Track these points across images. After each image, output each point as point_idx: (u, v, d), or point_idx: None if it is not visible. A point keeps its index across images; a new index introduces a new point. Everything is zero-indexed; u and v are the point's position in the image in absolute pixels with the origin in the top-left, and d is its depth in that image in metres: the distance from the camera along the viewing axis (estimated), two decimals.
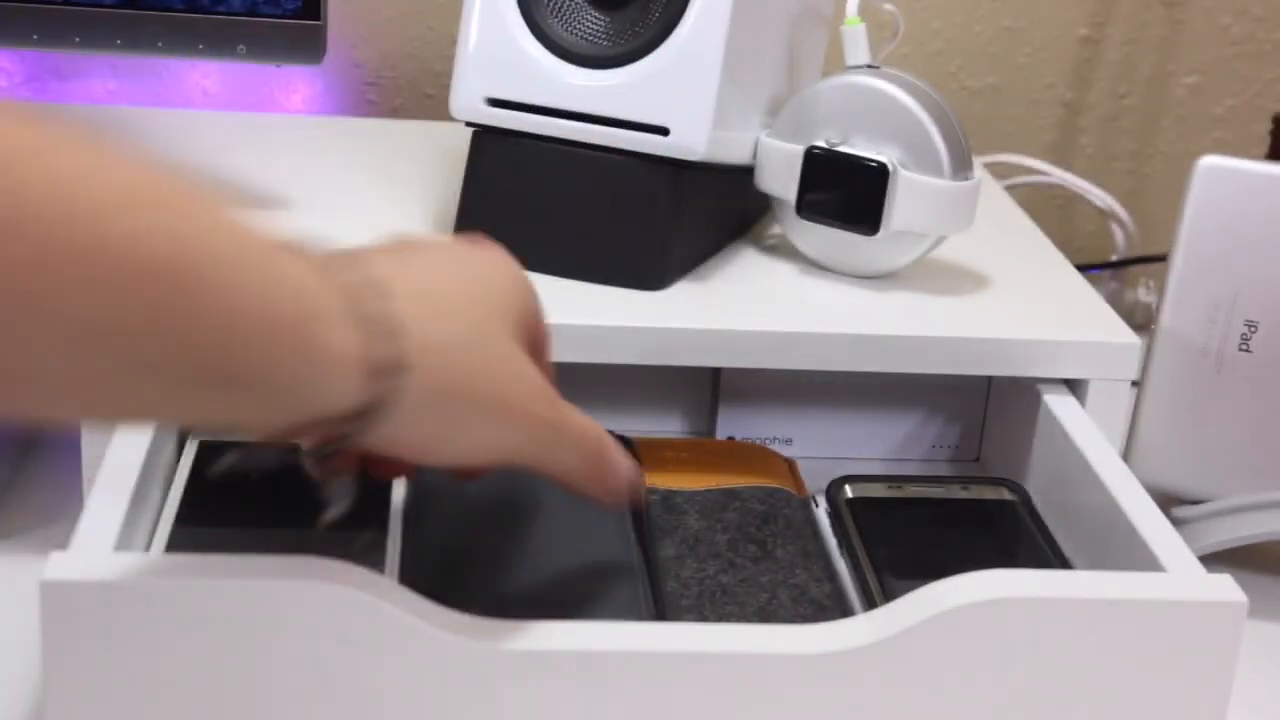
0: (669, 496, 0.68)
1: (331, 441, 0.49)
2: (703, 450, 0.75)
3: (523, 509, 0.64)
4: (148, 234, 0.42)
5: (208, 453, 0.67)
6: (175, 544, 0.60)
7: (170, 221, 0.43)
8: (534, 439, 0.53)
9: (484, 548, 0.62)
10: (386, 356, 0.47)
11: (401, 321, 0.48)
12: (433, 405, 0.49)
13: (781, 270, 0.79)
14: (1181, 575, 0.59)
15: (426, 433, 0.50)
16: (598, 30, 0.75)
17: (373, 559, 0.57)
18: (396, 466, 0.58)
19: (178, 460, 0.67)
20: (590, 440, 0.56)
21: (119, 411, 0.46)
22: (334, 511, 0.51)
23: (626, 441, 0.68)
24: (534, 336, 0.56)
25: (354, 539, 0.57)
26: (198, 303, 0.43)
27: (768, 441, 0.79)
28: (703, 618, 0.60)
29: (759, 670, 0.53)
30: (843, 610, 0.62)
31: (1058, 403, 0.72)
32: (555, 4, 0.75)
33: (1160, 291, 0.76)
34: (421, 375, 0.48)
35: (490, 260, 0.56)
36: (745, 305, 0.74)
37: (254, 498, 0.57)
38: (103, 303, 0.41)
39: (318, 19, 0.88)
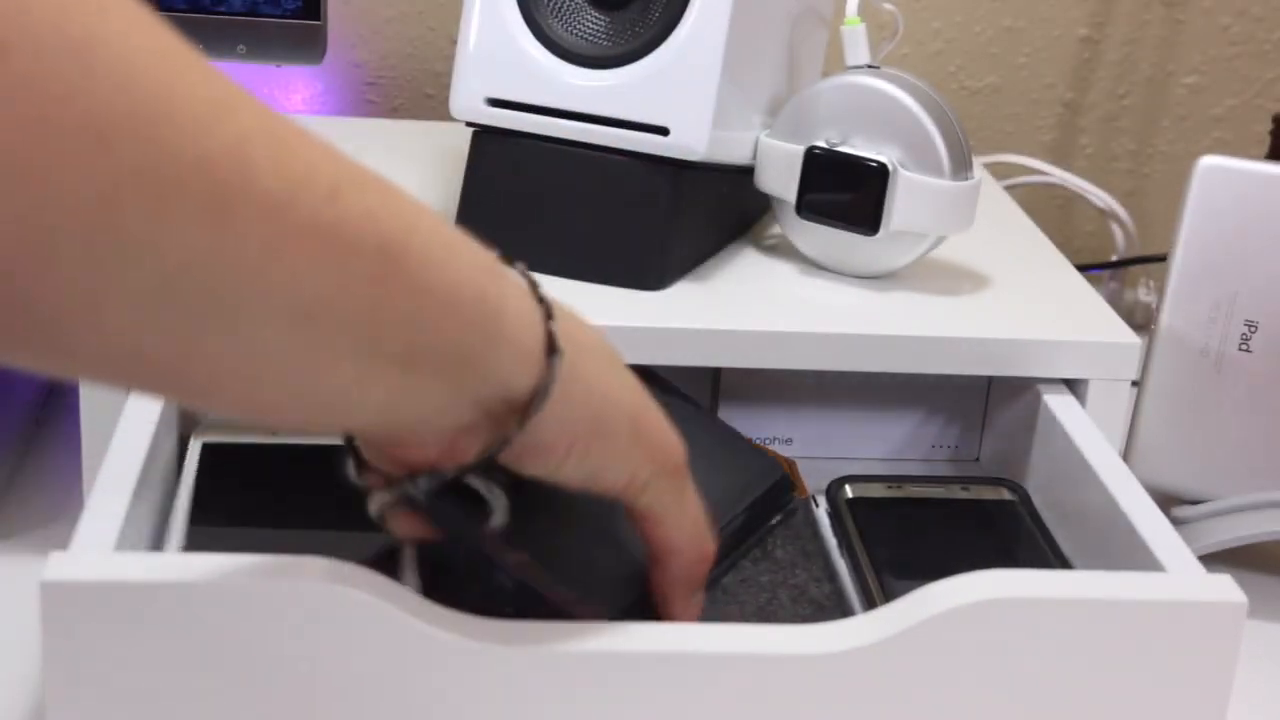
0: None
1: (493, 445, 0.49)
2: None
3: (530, 508, 0.64)
4: (368, 215, 0.43)
5: (212, 453, 0.67)
6: (193, 544, 0.60)
7: (382, 202, 0.44)
8: (661, 475, 0.52)
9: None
10: (551, 335, 0.48)
11: (554, 307, 0.49)
12: (580, 398, 0.49)
13: (781, 270, 0.79)
14: (1181, 575, 0.59)
15: (573, 431, 0.49)
16: (598, 30, 0.74)
17: (389, 564, 0.57)
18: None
19: (179, 460, 0.68)
20: (704, 518, 0.55)
21: (305, 402, 0.44)
22: (498, 518, 0.51)
23: None
24: None
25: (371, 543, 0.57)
26: (412, 280, 0.44)
27: (768, 441, 0.79)
28: (702, 618, 0.59)
29: (759, 670, 0.53)
30: (843, 610, 0.62)
31: (1058, 403, 0.72)
32: (555, 4, 0.75)
33: (1160, 291, 0.76)
34: (569, 365, 0.48)
35: None
36: (745, 305, 0.74)
37: (266, 498, 0.57)
38: (326, 283, 0.42)
39: (318, 19, 0.88)
